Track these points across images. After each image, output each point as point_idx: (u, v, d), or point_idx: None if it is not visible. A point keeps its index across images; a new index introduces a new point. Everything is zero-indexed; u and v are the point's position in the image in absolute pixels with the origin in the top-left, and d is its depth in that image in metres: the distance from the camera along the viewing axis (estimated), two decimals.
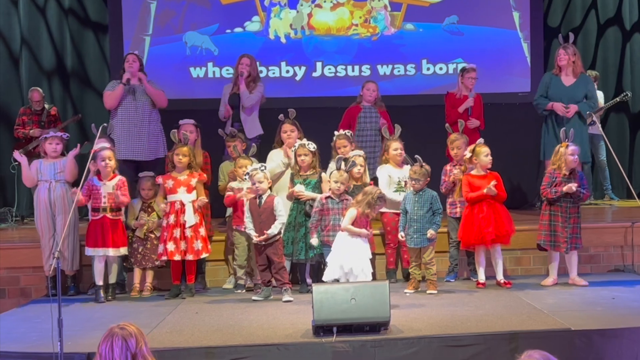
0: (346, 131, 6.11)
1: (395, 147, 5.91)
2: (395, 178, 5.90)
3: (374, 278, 5.47)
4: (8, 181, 7.73)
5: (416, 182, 5.52)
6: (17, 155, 5.98)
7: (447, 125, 6.35)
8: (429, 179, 5.59)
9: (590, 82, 6.81)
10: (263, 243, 5.36)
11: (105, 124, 5.88)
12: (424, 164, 5.55)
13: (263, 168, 5.45)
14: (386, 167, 5.96)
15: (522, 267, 6.20)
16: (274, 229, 5.33)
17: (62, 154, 5.88)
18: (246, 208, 5.44)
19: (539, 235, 5.71)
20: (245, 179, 5.54)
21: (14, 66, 8.08)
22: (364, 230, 5.12)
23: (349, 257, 5.04)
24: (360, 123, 6.74)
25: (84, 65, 8.27)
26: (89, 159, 5.54)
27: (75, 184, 5.86)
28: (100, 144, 5.64)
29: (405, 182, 5.82)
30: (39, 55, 8.12)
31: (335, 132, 6.09)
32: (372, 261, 5.36)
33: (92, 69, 8.26)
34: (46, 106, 7.53)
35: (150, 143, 6.49)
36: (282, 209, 5.44)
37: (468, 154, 5.72)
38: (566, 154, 5.58)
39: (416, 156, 5.58)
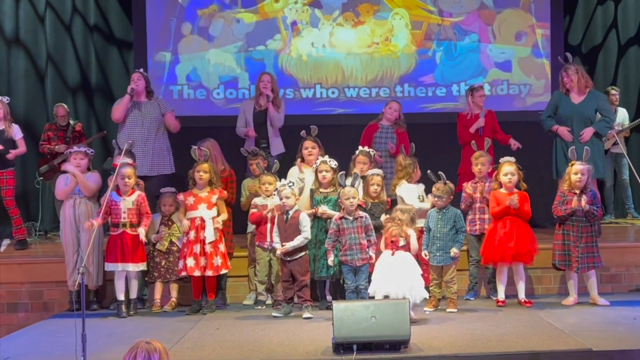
0: (370, 149, 6.15)
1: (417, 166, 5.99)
2: (415, 193, 5.94)
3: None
4: (32, 196, 7.82)
5: (439, 200, 5.54)
6: (68, 167, 5.83)
7: (472, 142, 6.35)
8: (452, 196, 5.61)
9: (601, 96, 6.72)
10: (288, 259, 5.40)
11: (130, 141, 5.97)
12: (447, 181, 5.57)
13: (291, 184, 5.52)
14: (404, 185, 6.00)
15: (542, 286, 6.18)
16: (295, 242, 5.38)
17: (88, 169, 5.95)
18: (275, 223, 5.50)
19: (553, 255, 5.71)
20: (274, 195, 5.60)
21: (40, 82, 8.20)
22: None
23: (400, 275, 5.06)
24: (375, 143, 6.78)
25: (108, 82, 8.40)
26: (115, 175, 5.60)
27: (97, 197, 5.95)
28: (122, 159, 5.72)
29: (423, 197, 5.86)
30: (64, 72, 8.25)
31: (359, 147, 6.11)
32: None
33: (116, 85, 8.38)
34: (71, 122, 7.63)
35: (155, 159, 6.58)
36: (308, 224, 5.49)
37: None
38: (570, 172, 5.58)
39: (439, 173, 5.61)
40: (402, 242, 5.19)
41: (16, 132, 6.73)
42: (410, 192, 5.96)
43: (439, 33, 8.17)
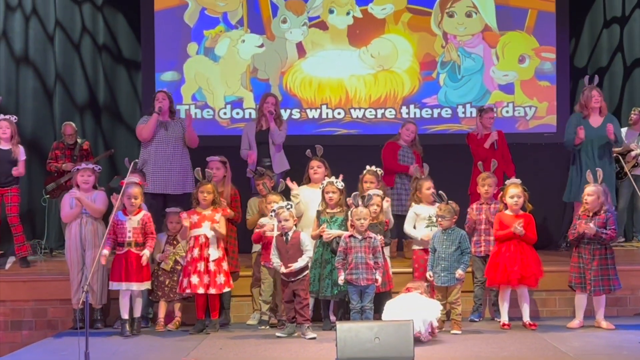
0: (377, 169, 6.17)
1: (428, 187, 5.95)
2: (426, 215, 5.93)
3: None
4: (38, 214, 7.85)
5: (442, 219, 5.56)
6: (75, 193, 5.83)
7: (479, 163, 6.35)
8: (456, 216, 5.62)
9: (615, 120, 6.79)
10: (292, 279, 5.41)
11: (136, 160, 6.01)
12: (450, 201, 5.59)
13: (289, 206, 5.52)
14: (417, 206, 6.01)
15: (547, 309, 6.15)
16: (300, 262, 5.39)
17: (94, 187, 5.97)
18: (273, 245, 5.50)
19: (569, 276, 5.71)
20: (271, 215, 5.61)
21: (48, 101, 8.26)
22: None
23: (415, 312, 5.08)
24: (399, 161, 6.88)
25: (115, 101, 8.46)
26: (121, 194, 5.63)
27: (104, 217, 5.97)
28: (130, 178, 5.75)
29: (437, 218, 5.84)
30: (72, 91, 8.31)
31: (367, 167, 6.14)
32: None
33: (123, 104, 8.45)
34: (79, 140, 7.68)
35: (180, 177, 6.62)
36: (309, 243, 5.50)
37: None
38: (583, 193, 5.62)
39: (440, 192, 5.62)
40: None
41: (21, 153, 6.76)
42: (411, 215, 5.98)
43: (443, 55, 8.23)
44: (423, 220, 5.92)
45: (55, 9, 8.21)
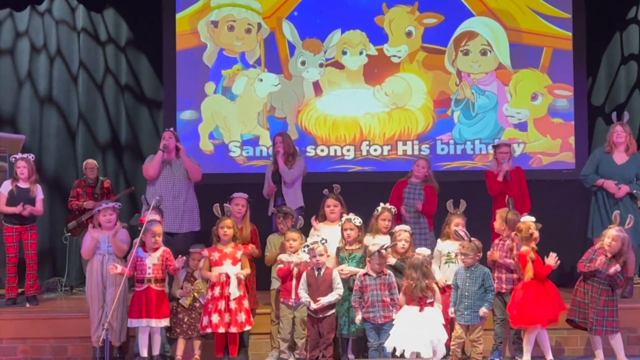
0: (391, 207, 6.19)
1: (457, 223, 5.91)
2: (446, 251, 5.91)
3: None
4: (59, 252, 7.93)
5: (465, 257, 5.55)
6: (93, 232, 5.94)
7: (507, 199, 6.25)
8: (479, 254, 5.60)
9: None
10: (320, 315, 5.42)
11: (158, 197, 6.09)
12: (473, 239, 5.58)
13: (324, 242, 5.57)
14: (440, 243, 5.98)
15: (568, 347, 6.09)
16: (330, 297, 5.43)
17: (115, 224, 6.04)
18: (303, 279, 5.53)
19: (570, 311, 5.65)
20: (303, 250, 5.64)
21: (71, 140, 8.40)
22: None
23: (424, 331, 5.06)
24: (404, 199, 6.88)
25: (137, 140, 8.57)
26: (142, 231, 5.68)
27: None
28: (151, 216, 5.82)
29: (456, 254, 5.80)
30: (95, 130, 8.43)
31: (381, 204, 6.15)
32: None
33: (145, 143, 8.55)
34: (100, 179, 7.78)
35: (185, 216, 6.71)
36: (340, 282, 5.53)
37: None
38: (605, 236, 5.56)
39: (464, 230, 5.61)
40: (429, 299, 5.18)
41: (39, 192, 6.85)
42: (444, 247, 5.95)
43: (457, 92, 8.30)
44: (442, 257, 5.92)
45: (79, 50, 8.41)
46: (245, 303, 5.74)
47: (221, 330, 5.63)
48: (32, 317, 6.30)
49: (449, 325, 5.61)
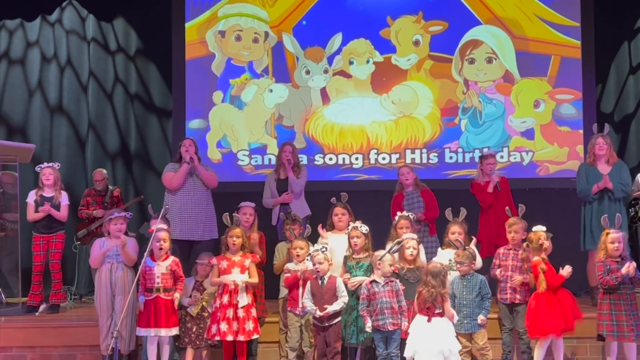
0: (409, 214, 6.19)
1: (453, 231, 5.94)
2: (445, 260, 5.88)
3: None
4: (69, 260, 7.96)
5: (461, 265, 5.56)
6: (114, 241, 5.98)
7: (506, 208, 6.34)
8: (474, 262, 5.60)
9: (624, 167, 6.79)
10: (326, 324, 5.42)
11: (167, 206, 6.11)
12: (467, 247, 5.60)
13: (324, 249, 5.57)
14: (441, 252, 5.99)
15: (579, 357, 6.06)
16: (335, 306, 5.42)
17: (125, 233, 6.08)
18: (307, 288, 5.53)
19: (599, 325, 5.59)
20: (308, 259, 5.65)
21: (81, 149, 8.46)
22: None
23: (435, 343, 5.05)
24: (406, 211, 6.81)
25: (146, 149, 8.62)
26: (151, 240, 5.71)
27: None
28: (158, 224, 5.85)
29: (456, 264, 5.83)
30: (104, 139, 8.50)
31: (398, 213, 6.17)
32: None
33: (154, 151, 8.60)
34: (110, 187, 7.83)
35: (206, 224, 6.72)
36: (345, 289, 5.53)
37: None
38: (606, 242, 5.54)
39: (457, 239, 5.62)
40: (437, 310, 5.17)
41: (64, 198, 6.94)
42: (444, 256, 5.96)
43: (464, 101, 8.30)
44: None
45: (89, 59, 8.49)
46: (253, 311, 5.75)
47: (229, 338, 5.64)
48: (41, 325, 6.33)
49: None
